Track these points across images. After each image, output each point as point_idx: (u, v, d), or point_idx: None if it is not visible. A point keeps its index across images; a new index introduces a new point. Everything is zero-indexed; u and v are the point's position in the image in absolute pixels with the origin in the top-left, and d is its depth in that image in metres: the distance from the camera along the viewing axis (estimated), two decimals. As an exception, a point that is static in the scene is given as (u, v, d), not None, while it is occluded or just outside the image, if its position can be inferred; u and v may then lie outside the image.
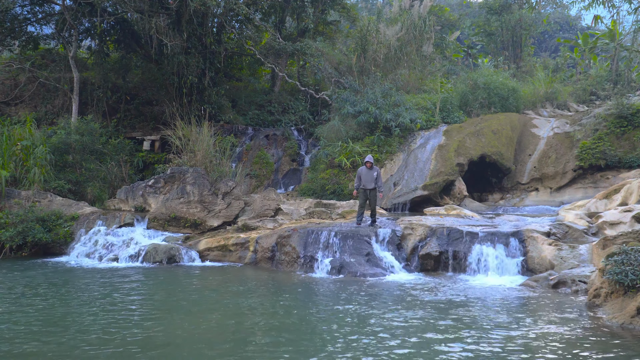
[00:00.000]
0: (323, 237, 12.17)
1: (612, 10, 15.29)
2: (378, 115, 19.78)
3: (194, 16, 20.19)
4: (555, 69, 31.15)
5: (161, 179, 15.84)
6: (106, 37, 22.88)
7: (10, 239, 13.49)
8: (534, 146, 20.18)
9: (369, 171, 12.95)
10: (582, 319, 7.41)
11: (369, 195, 12.97)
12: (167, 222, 14.80)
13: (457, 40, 35.72)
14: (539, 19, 34.75)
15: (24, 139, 16.72)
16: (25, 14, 22.00)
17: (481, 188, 20.26)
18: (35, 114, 21.37)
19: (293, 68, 29.09)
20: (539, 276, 10.18)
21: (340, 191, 18.44)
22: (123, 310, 7.88)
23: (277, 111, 24.74)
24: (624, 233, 9.82)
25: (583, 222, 12.28)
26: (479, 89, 22.08)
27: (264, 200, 15.23)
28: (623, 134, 18.48)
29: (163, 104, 21.91)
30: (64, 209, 15.05)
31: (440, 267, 11.60)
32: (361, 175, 12.99)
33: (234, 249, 13.07)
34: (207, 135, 17.25)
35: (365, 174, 12.94)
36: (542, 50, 47.20)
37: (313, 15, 26.39)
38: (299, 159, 22.23)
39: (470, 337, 6.51)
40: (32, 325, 7.02)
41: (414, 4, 26.98)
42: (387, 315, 7.64)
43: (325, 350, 6.03)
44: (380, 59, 24.05)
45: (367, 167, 12.98)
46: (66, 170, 17.56)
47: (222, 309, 8.24)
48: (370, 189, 12.91)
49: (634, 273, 7.33)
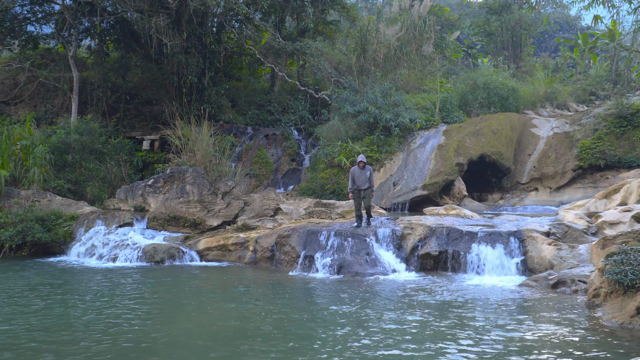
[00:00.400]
0: (322, 236, 12.17)
1: (612, 10, 15.30)
2: (378, 115, 19.78)
3: (194, 16, 20.19)
4: (555, 69, 31.17)
5: (161, 179, 15.83)
6: (106, 36, 22.88)
7: (9, 238, 13.50)
8: (534, 146, 20.19)
9: (362, 171, 12.67)
10: (582, 319, 7.41)
11: (363, 194, 12.72)
12: (166, 222, 14.80)
13: (456, 40, 35.71)
14: (538, 18, 34.77)
15: (24, 138, 16.72)
16: (25, 14, 22.00)
17: (481, 188, 20.26)
18: (35, 113, 21.36)
19: (293, 68, 29.10)
20: (538, 276, 10.17)
21: (339, 191, 18.44)
22: (122, 310, 7.87)
23: (276, 111, 24.73)
24: (623, 233, 9.82)
25: (582, 222, 12.28)
26: (478, 88, 22.09)
27: (263, 200, 15.23)
28: (623, 134, 18.49)
29: (163, 104, 21.90)
30: (64, 209, 15.04)
31: (439, 267, 11.59)
32: (354, 176, 12.69)
33: (234, 248, 13.07)
34: (207, 135, 17.24)
35: (359, 174, 12.65)
36: (541, 50, 47.22)
37: (313, 15, 26.36)
38: (298, 158, 22.23)
39: (470, 337, 6.50)
40: (31, 325, 7.01)
41: (414, 3, 26.98)
42: (386, 316, 7.63)
43: (324, 351, 6.03)
44: (380, 58, 24.05)
45: (360, 167, 12.72)
46: (66, 170, 17.55)
47: (221, 309, 8.24)
48: (364, 189, 12.68)
49: (633, 273, 7.33)
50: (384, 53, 24.21)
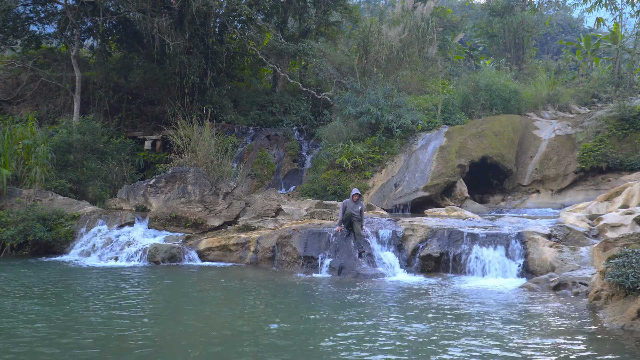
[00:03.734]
0: (324, 237, 12.16)
1: (615, 13, 15.27)
2: (379, 116, 19.78)
3: (196, 16, 20.21)
4: (557, 71, 31.14)
5: (162, 179, 15.85)
6: (108, 36, 22.92)
7: (11, 237, 13.52)
8: (536, 148, 20.17)
9: (355, 204, 12.14)
10: (583, 321, 7.40)
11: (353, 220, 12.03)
12: (168, 222, 14.81)
13: (459, 42, 35.71)
14: (541, 21, 34.74)
15: (26, 137, 16.74)
16: (27, 13, 22.05)
17: (482, 190, 20.24)
18: (37, 113, 21.40)
19: (295, 69, 29.12)
20: (539, 278, 10.16)
21: (341, 192, 18.43)
22: (123, 310, 7.87)
23: (278, 111, 24.74)
24: (625, 235, 9.79)
25: (584, 225, 12.26)
26: (480, 90, 22.07)
27: (265, 201, 15.23)
28: (625, 137, 18.46)
29: (165, 104, 21.93)
30: (65, 208, 15.06)
31: (440, 268, 11.58)
32: (347, 208, 12.12)
33: (235, 249, 13.07)
34: (209, 135, 17.25)
35: (352, 206, 12.16)
36: (544, 52, 47.17)
37: (315, 16, 26.39)
38: (300, 159, 22.23)
39: (470, 339, 6.49)
40: (30, 324, 7.02)
41: (417, 5, 26.97)
42: (386, 318, 7.62)
43: (324, 353, 6.02)
44: (382, 60, 24.05)
45: (354, 200, 12.17)
46: (67, 170, 17.58)
47: (221, 309, 8.24)
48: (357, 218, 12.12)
49: (634, 275, 7.32)
50: (386, 54, 24.21)
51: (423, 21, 25.90)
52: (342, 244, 11.91)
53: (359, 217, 12.13)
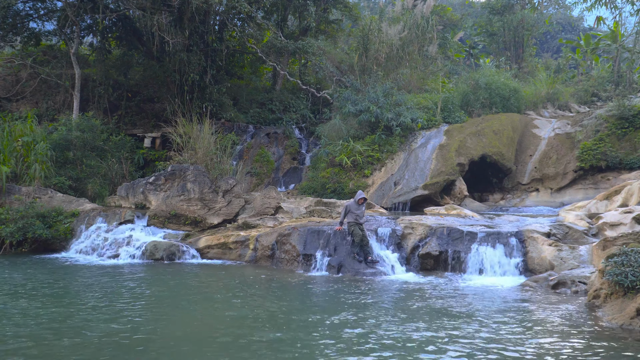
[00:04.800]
0: (323, 235, 12.17)
1: (615, 12, 15.28)
2: (379, 114, 19.78)
3: (196, 14, 20.20)
4: (557, 70, 31.15)
5: (162, 176, 15.85)
6: (108, 34, 22.89)
7: (10, 234, 13.51)
8: (535, 147, 20.18)
9: (359, 206, 11.96)
10: (582, 320, 7.41)
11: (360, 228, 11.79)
12: (167, 220, 14.80)
13: (459, 40, 35.69)
14: (541, 19, 34.72)
15: (25, 135, 16.73)
16: (27, 10, 22.03)
17: (482, 188, 20.25)
18: (37, 110, 21.39)
19: (295, 66, 29.10)
20: (538, 277, 10.17)
21: (340, 190, 18.44)
22: (122, 308, 7.88)
23: (278, 109, 24.74)
24: (624, 234, 9.80)
25: (583, 223, 12.26)
26: (480, 89, 22.07)
27: (264, 199, 15.24)
28: (624, 136, 18.47)
29: (164, 102, 21.92)
30: (65, 206, 15.06)
31: (440, 267, 11.59)
32: (350, 210, 11.94)
33: (234, 246, 13.07)
34: (208, 133, 17.25)
35: (356, 209, 11.94)
36: (544, 51, 47.17)
37: (315, 14, 26.37)
38: (299, 157, 22.23)
39: (468, 338, 6.50)
40: (29, 322, 7.02)
41: (417, 3, 26.94)
42: (384, 316, 7.63)
43: (322, 352, 6.03)
44: (382, 58, 24.03)
45: (359, 203, 11.97)
46: (67, 167, 17.57)
47: (221, 308, 8.24)
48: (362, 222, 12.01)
49: (633, 274, 7.33)
50: (386, 52, 24.19)
51: (423, 19, 25.88)
52: (342, 242, 11.92)
53: (361, 222, 11.91)
